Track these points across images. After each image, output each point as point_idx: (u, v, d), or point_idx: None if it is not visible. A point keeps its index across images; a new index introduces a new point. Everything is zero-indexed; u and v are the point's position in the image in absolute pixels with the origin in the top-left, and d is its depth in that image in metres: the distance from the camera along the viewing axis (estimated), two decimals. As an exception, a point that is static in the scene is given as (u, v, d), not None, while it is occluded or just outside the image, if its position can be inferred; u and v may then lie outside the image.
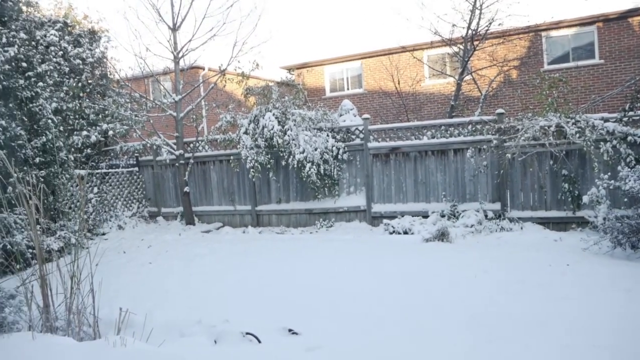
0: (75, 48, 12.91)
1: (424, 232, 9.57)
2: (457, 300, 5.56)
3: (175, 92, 12.79)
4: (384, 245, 9.00)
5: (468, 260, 7.36)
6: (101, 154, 13.37)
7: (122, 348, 4.02)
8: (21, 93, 9.34)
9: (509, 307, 5.23)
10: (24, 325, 4.91)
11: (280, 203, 12.31)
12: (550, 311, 5.06)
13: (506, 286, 5.99)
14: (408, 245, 8.82)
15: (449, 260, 7.45)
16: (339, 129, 11.66)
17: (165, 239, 11.04)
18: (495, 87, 16.34)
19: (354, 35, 19.96)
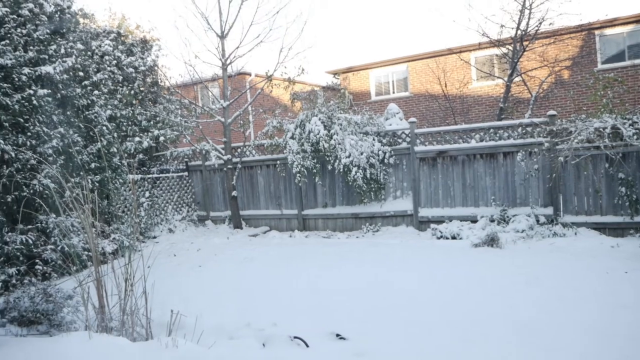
0: (128, 57, 13.34)
1: (472, 237, 9.39)
2: (507, 307, 5.42)
3: (223, 98, 13.01)
4: (432, 250, 8.87)
5: (519, 267, 7.17)
6: (152, 159, 13.73)
7: (173, 349, 4.11)
8: (78, 101, 9.71)
9: (563, 316, 5.06)
10: (80, 325, 5.09)
11: (326, 207, 12.32)
12: (607, 320, 4.86)
13: (560, 293, 5.80)
14: (456, 250, 8.66)
15: (498, 266, 7.27)
16: (385, 133, 11.59)
17: (214, 243, 11.22)
18: (546, 89, 15.89)
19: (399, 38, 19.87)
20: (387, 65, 19.47)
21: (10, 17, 8.59)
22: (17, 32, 8.62)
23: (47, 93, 8.61)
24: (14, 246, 7.60)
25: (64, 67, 9.19)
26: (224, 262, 8.98)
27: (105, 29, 13.55)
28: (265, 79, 12.97)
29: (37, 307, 5.28)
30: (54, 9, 9.58)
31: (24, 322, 5.24)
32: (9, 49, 8.31)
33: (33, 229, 7.99)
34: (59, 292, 5.53)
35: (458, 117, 16.87)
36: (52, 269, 7.88)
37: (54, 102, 8.91)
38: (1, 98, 7.82)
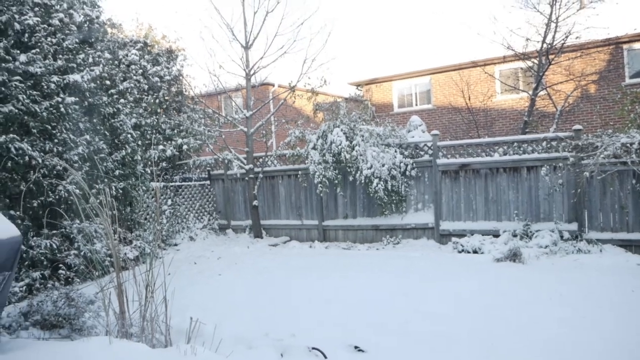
0: (154, 66, 13.55)
1: (494, 251, 9.26)
2: (530, 322, 5.32)
3: (246, 108, 13.11)
4: (453, 264, 8.77)
5: (542, 282, 7.04)
6: (175, 168, 13.88)
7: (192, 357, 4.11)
8: (104, 109, 9.87)
9: (586, 334, 4.94)
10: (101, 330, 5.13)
11: (347, 218, 12.29)
12: (633, 339, 4.73)
13: (583, 311, 5.67)
14: (478, 264, 8.55)
15: (521, 282, 7.15)
16: (407, 145, 11.54)
17: (234, 252, 11.26)
18: (571, 103, 15.68)
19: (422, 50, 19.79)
20: (410, 77, 19.43)
21: (40, 26, 8.80)
22: (47, 41, 8.82)
23: (74, 101, 8.78)
24: (39, 250, 7.73)
25: (92, 75, 9.36)
26: (243, 271, 9.00)
27: (132, 38, 13.80)
28: (288, 90, 13.04)
29: (60, 311, 5.34)
30: (83, 18, 9.79)
31: (47, 325, 5.30)
32: (39, 57, 8.51)
33: (57, 234, 8.12)
34: (81, 296, 5.59)
35: (481, 131, 16.73)
36: (74, 273, 7.98)
37: (81, 109, 9.08)
38: (30, 105, 8.00)
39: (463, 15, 21.44)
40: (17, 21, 8.35)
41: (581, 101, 15.80)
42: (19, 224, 7.31)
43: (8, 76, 7.80)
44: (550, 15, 13.15)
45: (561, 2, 13.12)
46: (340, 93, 21.34)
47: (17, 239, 4.42)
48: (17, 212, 7.50)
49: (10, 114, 7.63)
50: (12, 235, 4.38)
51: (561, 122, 14.70)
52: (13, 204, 7.71)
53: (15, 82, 7.89)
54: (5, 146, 7.43)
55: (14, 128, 7.79)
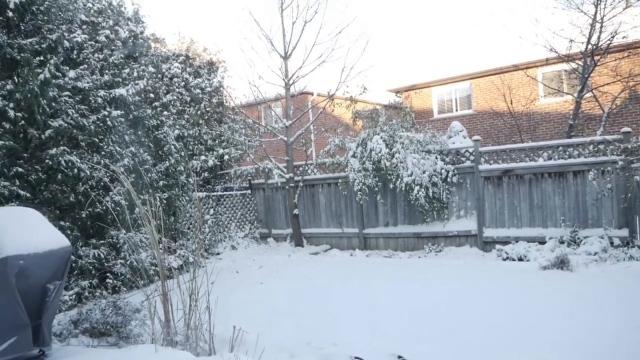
0: (196, 79, 13.83)
1: (540, 259, 9.00)
2: (578, 334, 5.13)
3: (286, 118, 13.21)
4: (497, 272, 8.57)
5: (592, 291, 6.80)
6: (217, 178, 14.09)
7: (235, 365, 4.14)
8: (148, 121, 10.13)
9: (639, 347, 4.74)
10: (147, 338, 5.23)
11: (387, 226, 12.20)
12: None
13: (638, 322, 5.44)
14: (523, 272, 8.33)
15: (570, 290, 6.92)
16: (448, 151, 11.38)
17: (275, 260, 11.32)
18: (619, 104, 15.16)
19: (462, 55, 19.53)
20: (450, 82, 19.20)
21: (88, 43, 9.12)
22: (94, 57, 9.14)
23: (120, 114, 9.05)
24: (87, 260, 7.96)
25: (136, 89, 9.63)
26: (285, 279, 9.03)
27: (175, 52, 14.14)
28: (327, 98, 13.08)
29: (107, 319, 5.48)
30: (128, 34, 10.09)
31: (95, 333, 5.45)
32: (87, 73, 8.81)
33: (105, 244, 8.35)
34: (128, 305, 5.72)
35: (524, 135, 16.36)
36: (121, 282, 8.19)
37: (126, 122, 9.34)
38: (79, 119, 8.28)
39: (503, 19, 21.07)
40: (66, 39, 8.68)
41: (630, 103, 15.26)
42: (68, 234, 7.56)
43: (58, 92, 8.10)
44: (595, 15, 12.77)
45: (606, 2, 12.71)
46: (379, 100, 21.25)
47: (67, 249, 4.57)
48: (67, 222, 7.76)
49: (60, 128, 7.91)
50: (63, 246, 4.52)
51: (609, 124, 14.22)
52: (63, 215, 7.97)
53: (64, 97, 8.19)
54: (56, 159, 7.70)
55: (64, 141, 8.07)
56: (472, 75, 18.47)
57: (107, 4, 10.20)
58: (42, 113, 7.72)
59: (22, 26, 8.07)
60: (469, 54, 19.33)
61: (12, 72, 7.78)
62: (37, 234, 4.32)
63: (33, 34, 8.15)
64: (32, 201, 7.31)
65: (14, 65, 7.76)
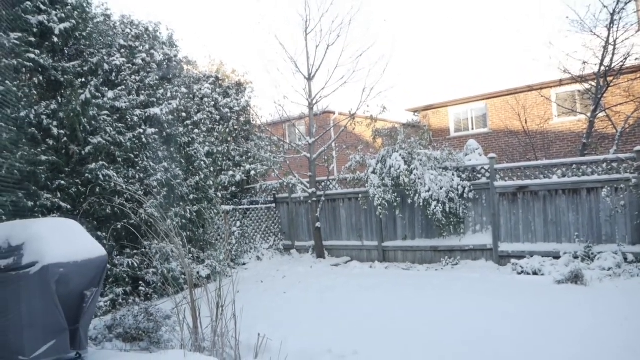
0: (225, 99, 14.02)
1: (555, 273, 8.83)
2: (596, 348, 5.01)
3: (309, 135, 13.28)
4: (513, 285, 8.43)
5: (606, 305, 6.64)
6: (243, 192, 14.20)
7: (259, 371, 4.14)
8: (180, 139, 10.28)
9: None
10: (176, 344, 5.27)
11: (405, 240, 12.12)
12: None
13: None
14: (538, 286, 8.17)
15: (584, 305, 6.77)
16: (464, 168, 11.31)
17: (298, 271, 11.32)
18: (632, 124, 14.88)
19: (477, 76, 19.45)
20: (466, 102, 19.10)
21: (126, 65, 9.34)
22: (131, 78, 9.34)
23: (154, 132, 9.21)
24: (121, 269, 8.06)
25: (169, 109, 9.80)
26: (307, 289, 9.01)
27: (205, 73, 14.36)
28: (349, 117, 13.12)
29: (140, 325, 5.53)
30: (163, 57, 10.30)
31: (128, 338, 5.50)
32: (124, 93, 9.01)
33: (138, 254, 8.45)
34: (159, 312, 5.77)
35: (539, 153, 16.15)
36: (153, 290, 8.27)
37: (160, 139, 9.49)
38: (116, 136, 8.45)
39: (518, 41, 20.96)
40: (106, 62, 8.91)
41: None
42: (104, 244, 7.66)
43: (98, 111, 8.29)
44: (608, 38, 12.62)
45: (619, 25, 12.58)
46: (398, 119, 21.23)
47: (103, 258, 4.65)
48: (104, 233, 7.88)
49: (99, 144, 8.08)
50: (100, 255, 4.60)
51: (622, 143, 13.96)
52: (100, 226, 8.11)
53: (103, 115, 8.38)
54: (95, 173, 7.86)
55: (102, 157, 8.23)
56: (488, 95, 18.36)
57: (144, 29, 10.44)
58: (83, 130, 7.91)
59: (66, 50, 8.31)
60: (484, 75, 19.26)
61: (56, 93, 8.00)
62: (76, 243, 4.41)
63: (76, 57, 8.38)
64: (72, 213, 7.46)
65: (58, 86, 7.98)
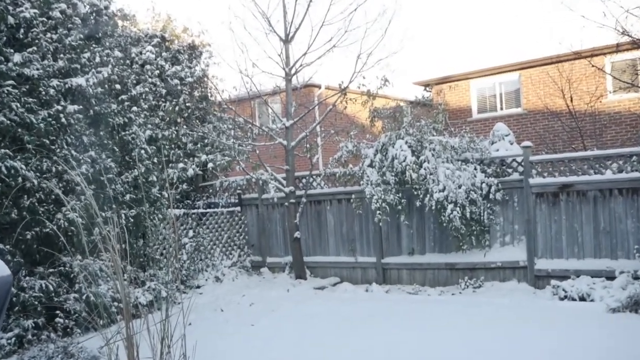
0: (173, 66, 13.89)
1: (608, 298, 8.89)
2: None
3: (286, 116, 13.21)
4: (553, 315, 8.47)
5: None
6: (198, 191, 14.09)
7: None
8: (113, 119, 10.15)
9: None
10: (106, 394, 5.18)
11: (412, 254, 12.13)
12: None
13: None
14: (588, 316, 8.22)
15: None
16: (490, 161, 11.34)
17: (270, 296, 11.27)
18: None
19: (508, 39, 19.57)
20: (493, 74, 19.19)
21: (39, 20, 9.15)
22: (46, 37, 9.17)
23: (77, 109, 9.07)
24: (32, 293, 7.92)
25: (99, 78, 9.66)
26: (282, 321, 8.97)
27: (148, 32, 14.22)
28: (339, 93, 13.07)
29: (56, 369, 5.44)
30: (89, 9, 10.15)
31: (40, 387, 5.40)
32: (36, 57, 8.84)
33: (55, 273, 8.32)
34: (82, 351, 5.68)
35: (588, 141, 16.29)
36: (74, 322, 8.15)
37: (85, 120, 9.36)
38: (25, 115, 8.29)
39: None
40: (11, 14, 8.72)
41: None
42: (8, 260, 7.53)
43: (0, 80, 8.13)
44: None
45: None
46: (403, 96, 21.27)
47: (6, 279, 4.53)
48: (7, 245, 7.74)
49: (1, 125, 7.92)
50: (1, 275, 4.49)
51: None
52: (2, 236, 7.96)
53: (7, 87, 8.20)
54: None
55: (6, 143, 8.07)
56: (522, 64, 18.46)
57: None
58: (-20, 107, 7.75)
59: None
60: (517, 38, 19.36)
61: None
62: (-32, 259, 4.29)
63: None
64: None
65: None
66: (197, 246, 12.97)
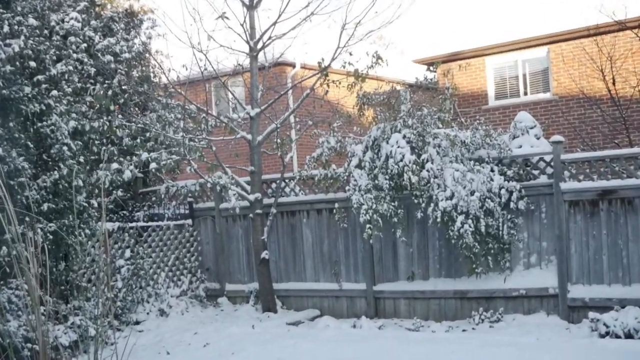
0: (105, 38, 13.76)
1: (662, 336, 8.99)
2: None
3: (251, 103, 13.15)
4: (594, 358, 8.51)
5: None
6: (138, 199, 13.98)
7: None
8: (27, 107, 10.03)
9: None
10: None
11: (412, 280, 12.14)
12: None
13: None
14: (635, 359, 8.29)
15: None
16: (510, 160, 11.39)
17: (230, 334, 11.21)
18: None
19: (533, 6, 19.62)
20: (515, 49, 19.24)
21: None
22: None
23: (-23, 94, 8.96)
24: None
25: (7, 53, 9.56)
26: (245, 366, 8.95)
27: (72, -6, 14.07)
28: (318, 73, 13.04)
29: None
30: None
31: None
32: None
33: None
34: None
35: (635, 134, 16.42)
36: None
37: (-11, 106, 9.25)
38: None
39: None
40: None
41: None
42: None
43: None
44: None
45: None
46: (401, 77, 21.30)
47: None
48: None
49: None
50: None
51: None
52: None
53: None
54: None
55: None
56: (551, 37, 18.54)
57: None
58: None
59: None
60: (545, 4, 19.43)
61: None
62: None
63: None
64: None
65: None
66: (136, 270, 12.86)
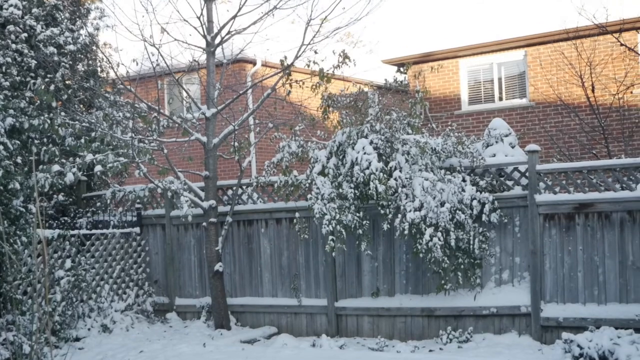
0: (48, 28, 13.65)
1: (637, 358, 9.07)
2: None
3: (207, 103, 13.11)
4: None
5: None
6: (81, 204, 13.85)
7: None
8: (-42, 102, 9.91)
9: None
10: None
11: (377, 296, 12.16)
12: None
13: None
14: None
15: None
16: (484, 170, 11.46)
17: (179, 353, 11.15)
18: None
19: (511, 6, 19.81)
20: (491, 51, 19.39)
21: None
22: None
23: None
24: None
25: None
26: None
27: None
28: (281, 72, 13.03)
29: None
30: None
31: None
32: None
33: None
34: None
35: (614, 145, 16.60)
36: None
37: None
38: None
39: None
40: None
41: None
42: None
43: None
44: None
45: None
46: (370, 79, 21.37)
47: None
48: None
49: None
50: None
51: None
52: None
53: None
54: None
55: None
56: (528, 39, 18.71)
57: None
58: None
59: None
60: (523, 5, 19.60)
61: None
62: None
63: None
64: None
65: None
66: (78, 282, 12.74)
